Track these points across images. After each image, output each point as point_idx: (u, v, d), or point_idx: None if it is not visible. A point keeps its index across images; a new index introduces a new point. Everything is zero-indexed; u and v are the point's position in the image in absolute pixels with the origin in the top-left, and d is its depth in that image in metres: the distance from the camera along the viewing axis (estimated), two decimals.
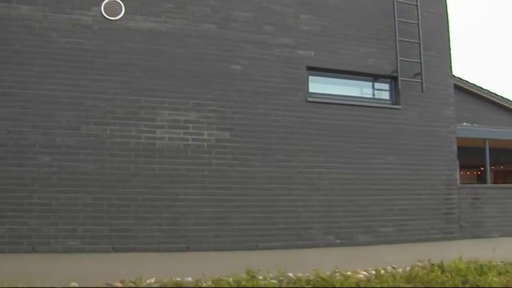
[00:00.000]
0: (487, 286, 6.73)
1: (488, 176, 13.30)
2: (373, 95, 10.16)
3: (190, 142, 8.26)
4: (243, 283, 6.50)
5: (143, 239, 7.86)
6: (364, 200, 9.37)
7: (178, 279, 7.15)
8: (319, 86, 9.54)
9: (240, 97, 8.68)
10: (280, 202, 8.72)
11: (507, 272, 7.79)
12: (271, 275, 7.23)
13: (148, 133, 8.08)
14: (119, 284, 6.84)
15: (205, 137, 8.35)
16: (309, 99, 9.15)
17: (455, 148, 10.44)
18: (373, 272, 7.59)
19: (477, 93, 17.75)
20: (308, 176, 8.97)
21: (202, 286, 6.49)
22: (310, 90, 9.35)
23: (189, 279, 7.36)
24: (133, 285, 6.49)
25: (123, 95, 8.00)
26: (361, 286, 6.31)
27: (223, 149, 8.45)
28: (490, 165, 14.13)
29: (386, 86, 10.17)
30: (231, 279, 6.66)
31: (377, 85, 10.16)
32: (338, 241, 9.03)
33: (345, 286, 6.29)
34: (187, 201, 8.14)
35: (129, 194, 7.86)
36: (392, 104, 10.03)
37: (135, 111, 8.03)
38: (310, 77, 9.39)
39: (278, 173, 8.77)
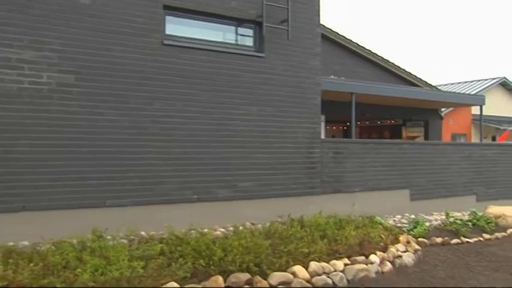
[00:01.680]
0: (344, 239, 7.57)
1: (353, 131, 14.46)
2: (236, 40, 10.36)
3: (26, 85, 7.90)
4: (89, 244, 6.57)
5: None
6: (224, 152, 9.73)
7: (11, 243, 7.00)
8: (177, 28, 9.54)
9: (87, 36, 8.43)
10: (132, 154, 8.77)
11: (364, 225, 8.77)
12: (121, 234, 7.39)
13: None
14: None
15: (45, 79, 8.04)
16: (165, 42, 9.13)
17: (319, 101, 11.07)
18: (231, 228, 8.06)
19: (347, 46, 19.02)
20: (163, 126, 9.08)
21: (41, 250, 6.43)
22: (167, 32, 9.33)
23: (25, 243, 7.26)
24: None
25: None
26: (218, 243, 6.70)
27: (67, 95, 8.22)
28: (356, 121, 15.35)
29: (250, 32, 10.43)
30: (74, 241, 6.69)
31: (240, 30, 10.38)
32: (195, 196, 9.34)
33: (201, 243, 6.64)
34: (23, 153, 7.86)
35: None
36: (255, 51, 10.33)
37: None
38: (168, 18, 9.34)
39: (130, 122, 8.77)
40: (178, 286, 5.56)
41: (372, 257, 7.25)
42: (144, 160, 8.89)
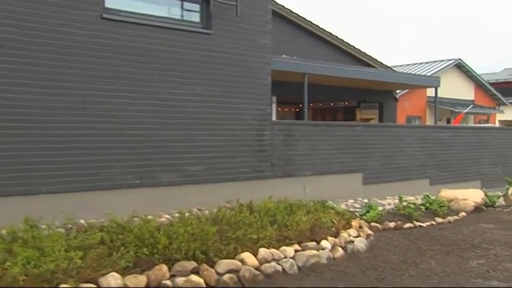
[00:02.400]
0: (294, 225, 7.62)
1: (306, 112, 14.57)
2: (182, 16, 10.22)
3: None
4: (20, 234, 6.37)
5: None
6: (168, 135, 9.63)
7: None
8: (118, 1, 9.31)
9: (14, 6, 8.07)
10: (69, 137, 8.56)
11: (316, 210, 8.85)
12: (57, 222, 7.20)
13: None
14: None
15: None
16: (105, 15, 8.91)
17: (270, 81, 11.08)
18: (177, 214, 8.01)
19: (300, 25, 19.07)
20: (103, 106, 8.89)
21: None
22: (107, 5, 9.08)
23: None
24: None
25: None
26: (162, 230, 6.63)
27: None
28: (309, 102, 15.47)
29: (196, 7, 10.28)
30: (4, 231, 6.49)
31: (186, 5, 10.22)
32: (137, 181, 9.23)
33: (144, 231, 6.56)
34: None
35: None
36: (202, 28, 10.19)
37: None
38: None
39: (66, 102, 8.53)
40: (120, 276, 5.47)
41: (323, 243, 7.32)
42: (83, 143, 8.70)
